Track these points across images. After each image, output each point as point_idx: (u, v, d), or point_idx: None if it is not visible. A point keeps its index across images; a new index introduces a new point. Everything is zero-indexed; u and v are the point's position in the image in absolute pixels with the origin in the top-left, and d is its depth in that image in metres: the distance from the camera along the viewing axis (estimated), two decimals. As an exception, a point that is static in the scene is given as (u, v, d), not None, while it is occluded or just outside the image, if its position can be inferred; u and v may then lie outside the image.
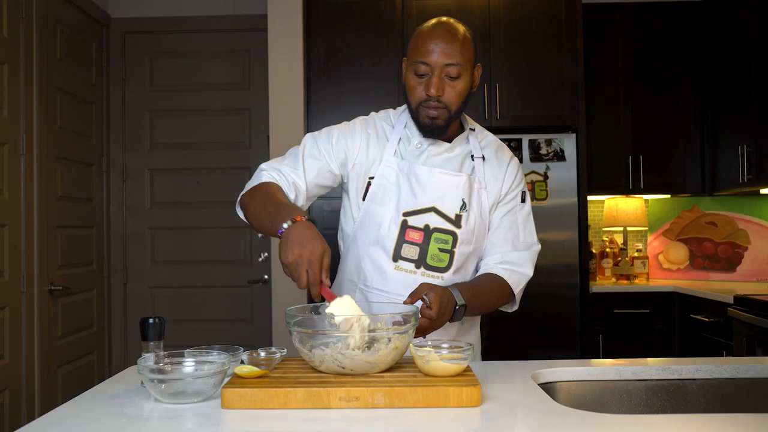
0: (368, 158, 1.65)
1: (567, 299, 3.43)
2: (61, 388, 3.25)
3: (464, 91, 1.58)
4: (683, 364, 1.52)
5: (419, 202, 1.61)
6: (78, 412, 1.21)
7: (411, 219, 1.61)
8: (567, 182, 3.45)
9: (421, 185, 1.61)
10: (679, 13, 3.85)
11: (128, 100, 3.96)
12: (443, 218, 1.61)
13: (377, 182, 1.63)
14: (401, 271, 1.61)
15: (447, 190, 1.61)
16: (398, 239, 1.60)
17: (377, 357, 1.27)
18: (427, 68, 1.55)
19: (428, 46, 1.55)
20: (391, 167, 1.63)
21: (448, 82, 1.56)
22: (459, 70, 1.55)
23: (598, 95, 3.80)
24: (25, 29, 3.01)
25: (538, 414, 1.18)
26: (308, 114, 3.51)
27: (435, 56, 1.54)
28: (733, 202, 3.94)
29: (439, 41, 1.54)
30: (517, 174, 1.72)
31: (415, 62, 1.56)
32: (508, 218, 1.69)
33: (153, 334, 1.38)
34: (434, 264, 1.61)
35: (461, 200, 1.61)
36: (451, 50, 1.54)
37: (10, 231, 2.88)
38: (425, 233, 1.61)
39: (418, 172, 1.61)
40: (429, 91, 1.55)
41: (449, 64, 1.54)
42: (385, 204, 1.62)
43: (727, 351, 3.04)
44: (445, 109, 1.57)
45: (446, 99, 1.56)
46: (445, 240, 1.61)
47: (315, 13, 3.53)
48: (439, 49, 1.54)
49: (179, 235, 3.96)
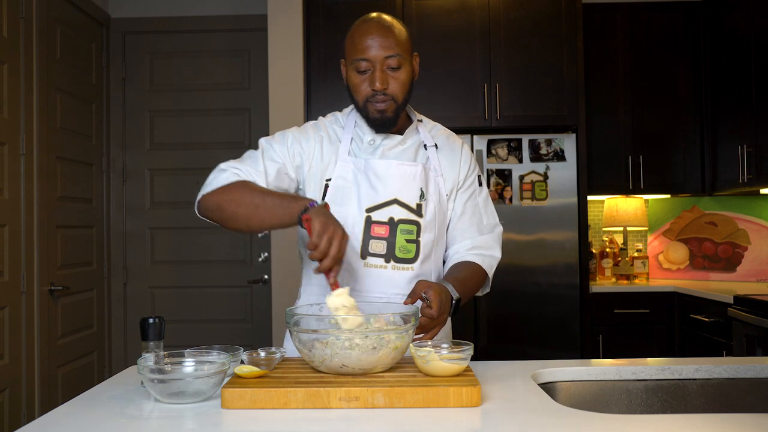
0: (323, 161, 1.65)
1: (567, 299, 3.43)
2: (61, 388, 3.25)
3: (407, 80, 1.61)
4: (683, 364, 1.52)
5: (380, 196, 1.62)
6: (78, 412, 1.21)
7: (374, 214, 1.61)
8: (567, 182, 3.45)
9: (381, 179, 1.62)
10: (679, 13, 3.85)
11: (128, 100, 3.96)
12: (406, 209, 1.62)
13: (335, 183, 1.63)
14: (371, 267, 1.61)
15: (406, 181, 1.62)
16: (364, 236, 1.60)
17: (378, 357, 1.27)
18: (367, 64, 1.57)
19: (365, 42, 1.56)
20: (347, 166, 1.64)
21: (390, 74, 1.58)
22: (399, 61, 1.58)
23: (598, 95, 3.80)
24: (25, 29, 3.01)
25: (538, 414, 1.18)
26: (308, 114, 3.51)
27: (373, 51, 1.56)
28: (733, 202, 3.94)
29: (375, 35, 1.56)
30: (471, 159, 1.75)
31: (355, 60, 1.58)
32: (471, 203, 1.72)
33: (153, 334, 1.38)
34: (402, 256, 1.62)
35: (420, 189, 1.63)
36: (387, 42, 1.56)
37: (10, 231, 2.88)
38: (390, 226, 1.61)
39: (376, 166, 1.63)
40: (374, 86, 1.57)
41: (389, 56, 1.56)
42: (346, 203, 1.62)
43: (727, 351, 3.04)
44: (392, 100, 1.59)
45: (391, 91, 1.59)
46: (410, 230, 1.62)
47: (315, 13, 3.53)
48: (376, 44, 1.56)
49: (179, 235, 3.96)
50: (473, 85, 3.52)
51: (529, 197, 3.44)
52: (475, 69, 3.52)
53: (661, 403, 1.49)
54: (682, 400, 1.50)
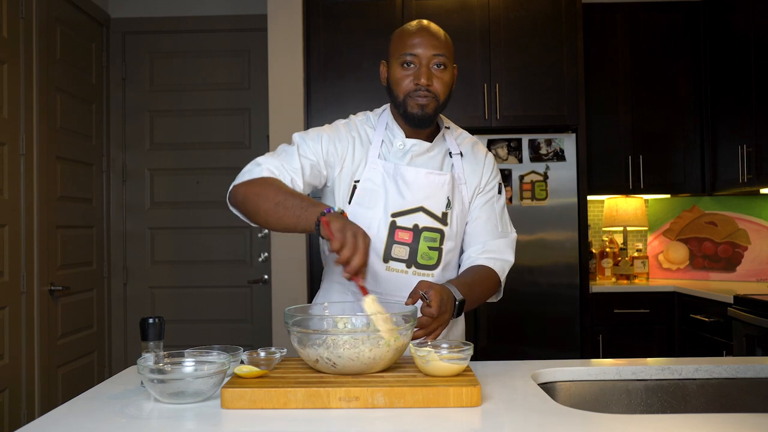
0: (354, 162, 1.66)
1: (567, 299, 3.43)
2: (61, 388, 3.25)
3: (450, 82, 1.65)
4: (683, 364, 1.52)
5: (407, 203, 1.63)
6: (78, 412, 1.21)
7: (399, 220, 1.63)
8: (567, 182, 3.45)
9: (409, 186, 1.63)
10: (679, 13, 3.85)
11: (128, 100, 3.96)
12: (431, 217, 1.64)
13: (363, 185, 1.64)
14: (392, 271, 1.63)
15: (433, 190, 1.64)
16: (387, 240, 1.62)
17: (376, 357, 1.27)
18: (414, 59, 1.61)
19: (414, 40, 1.61)
20: (376, 170, 1.65)
21: (435, 72, 1.61)
22: (445, 61, 1.62)
23: (598, 95, 3.80)
24: (25, 29, 3.01)
25: (538, 414, 1.18)
26: (308, 114, 3.51)
27: (422, 48, 1.60)
28: (733, 202, 3.94)
29: (425, 35, 1.61)
30: (494, 167, 1.77)
31: (403, 55, 1.61)
32: (487, 208, 1.73)
33: (153, 334, 1.38)
34: (424, 262, 1.64)
35: (446, 198, 1.65)
36: (436, 42, 1.61)
37: (10, 231, 2.88)
38: (414, 233, 1.63)
39: (405, 173, 1.64)
40: (419, 81, 1.59)
41: (437, 54, 1.61)
42: (373, 206, 1.63)
43: (727, 351, 3.04)
44: (434, 98, 1.62)
45: (435, 88, 1.61)
46: (433, 238, 1.64)
47: (315, 13, 3.53)
48: (426, 42, 1.60)
49: (179, 235, 3.96)
50: (473, 85, 3.52)
51: (529, 197, 3.44)
52: (475, 69, 3.52)
53: (661, 403, 1.49)
54: (682, 400, 1.50)
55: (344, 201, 1.65)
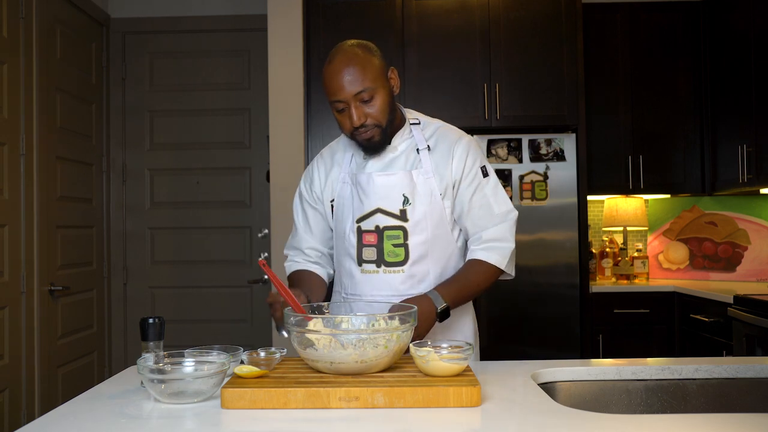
0: (329, 185, 1.81)
1: (567, 299, 3.43)
2: (61, 388, 3.25)
3: (384, 105, 1.64)
4: (683, 364, 1.52)
5: (365, 207, 1.72)
6: (78, 412, 1.21)
7: (363, 224, 1.72)
8: (567, 182, 3.45)
9: (364, 191, 1.72)
10: (679, 13, 3.85)
11: (128, 100, 3.96)
12: (389, 216, 1.70)
13: (336, 202, 1.79)
14: (366, 273, 1.73)
15: (386, 190, 1.70)
16: (358, 245, 1.73)
17: (375, 357, 1.27)
18: (342, 104, 1.62)
19: (334, 83, 1.61)
20: (345, 184, 1.77)
21: (365, 108, 1.63)
22: (370, 92, 1.61)
23: (598, 95, 3.80)
24: (25, 29, 3.01)
25: (538, 414, 1.18)
26: (308, 114, 3.51)
27: (343, 92, 1.60)
28: (733, 202, 3.94)
29: (342, 74, 1.59)
30: (468, 153, 1.74)
31: (331, 102, 1.64)
32: (478, 197, 1.73)
33: (153, 334, 1.38)
34: (392, 260, 1.71)
35: (402, 195, 1.70)
36: (353, 78, 1.59)
37: (10, 231, 2.88)
38: (378, 234, 1.71)
39: (359, 179, 1.73)
40: (353, 122, 1.63)
41: (358, 92, 1.60)
42: (345, 218, 1.76)
43: (727, 351, 3.03)
44: (375, 126, 1.65)
45: (371, 121, 1.64)
46: (396, 236, 1.70)
47: (315, 13, 3.53)
48: (344, 82, 1.59)
49: (179, 235, 3.96)
50: (473, 85, 3.52)
51: (529, 197, 3.44)
52: (475, 69, 3.52)
53: (661, 403, 1.50)
54: (682, 400, 1.50)
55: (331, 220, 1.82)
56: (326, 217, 1.84)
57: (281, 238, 3.38)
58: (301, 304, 1.46)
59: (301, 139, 3.46)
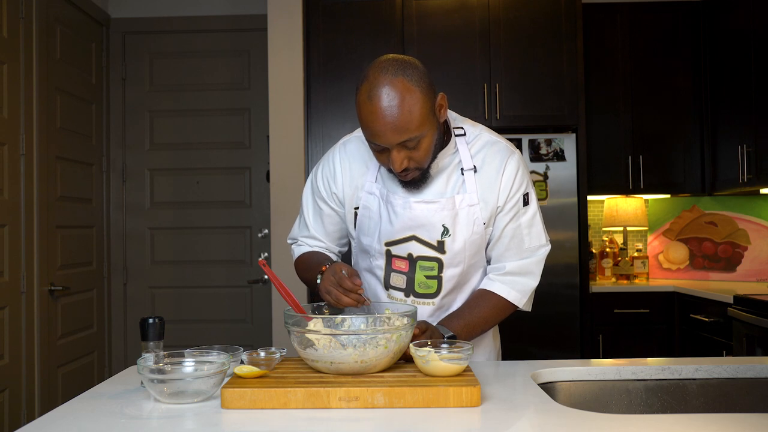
0: (352, 189, 1.62)
1: (567, 299, 3.43)
2: (61, 388, 3.25)
3: (430, 146, 1.45)
4: (683, 364, 1.52)
5: (398, 232, 1.55)
6: (78, 412, 1.21)
7: (394, 248, 1.57)
8: (567, 182, 3.45)
9: (398, 215, 1.54)
10: (679, 13, 3.85)
11: (128, 100, 3.96)
12: (425, 245, 1.55)
13: (361, 212, 1.60)
14: (393, 300, 1.61)
15: (425, 218, 1.53)
16: (386, 268, 1.59)
17: (375, 357, 1.27)
18: (382, 147, 1.43)
19: (373, 126, 1.39)
20: (373, 195, 1.58)
21: (408, 153, 1.43)
22: (417, 137, 1.40)
23: (598, 95, 3.80)
24: (25, 29, 3.01)
25: (538, 414, 1.18)
26: (308, 114, 3.51)
27: (384, 138, 1.39)
28: (733, 202, 3.94)
29: (383, 119, 1.37)
30: (515, 178, 1.57)
31: (369, 141, 1.44)
32: (511, 226, 1.59)
33: (153, 334, 1.38)
34: (423, 291, 1.59)
35: (442, 226, 1.53)
36: (397, 126, 1.37)
37: (10, 231, 2.88)
38: (410, 261, 1.57)
39: (394, 201, 1.54)
40: (393, 167, 1.44)
41: (402, 142, 1.40)
42: (370, 234, 1.59)
43: (727, 351, 3.03)
44: (417, 169, 1.47)
45: (414, 164, 1.46)
46: (430, 267, 1.56)
47: (315, 13, 3.53)
48: (387, 130, 1.38)
49: (179, 235, 3.96)
50: (473, 85, 3.52)
51: (529, 197, 3.43)
52: (475, 69, 3.52)
53: (660, 403, 1.49)
54: (682, 400, 1.50)
55: (351, 226, 1.66)
56: (344, 220, 1.67)
57: (281, 238, 3.38)
58: (354, 281, 1.41)
59: (301, 139, 3.46)
